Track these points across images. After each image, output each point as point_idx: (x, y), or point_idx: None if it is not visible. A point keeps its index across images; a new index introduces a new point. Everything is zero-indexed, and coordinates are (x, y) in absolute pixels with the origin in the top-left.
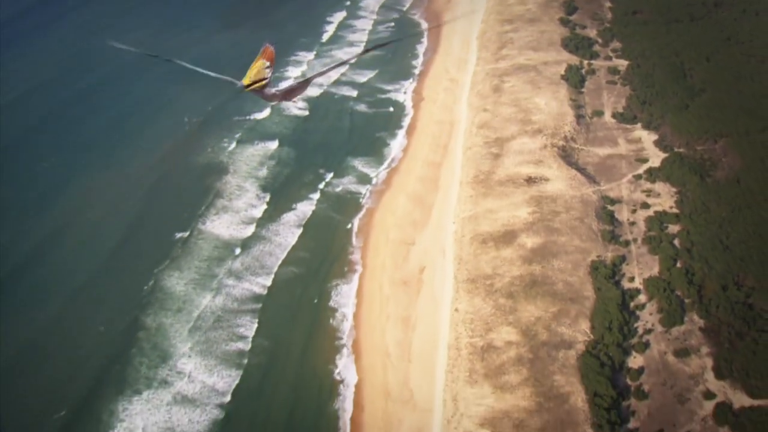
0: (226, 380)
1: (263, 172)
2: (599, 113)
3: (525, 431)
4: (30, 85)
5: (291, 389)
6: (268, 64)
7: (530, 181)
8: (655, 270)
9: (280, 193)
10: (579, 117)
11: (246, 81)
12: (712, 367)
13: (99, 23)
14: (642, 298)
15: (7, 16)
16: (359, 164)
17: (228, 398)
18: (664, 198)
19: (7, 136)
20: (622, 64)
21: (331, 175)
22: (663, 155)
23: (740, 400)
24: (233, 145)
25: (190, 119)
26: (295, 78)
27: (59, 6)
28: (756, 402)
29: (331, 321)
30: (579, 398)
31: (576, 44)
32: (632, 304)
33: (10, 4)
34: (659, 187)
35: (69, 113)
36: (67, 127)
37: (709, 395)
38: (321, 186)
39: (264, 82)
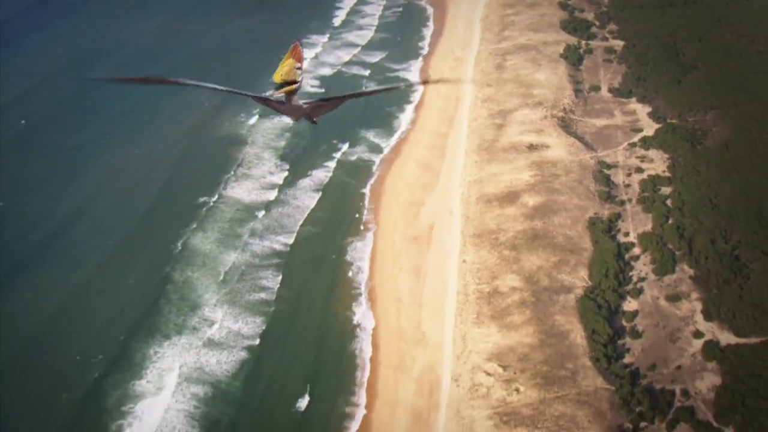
0: (251, 326)
1: (281, 143)
2: (596, 88)
3: (529, 363)
4: (58, 66)
5: (313, 333)
6: (298, 65)
7: (532, 148)
8: (649, 226)
9: (298, 161)
10: (577, 91)
11: (277, 78)
12: (701, 310)
13: (120, 8)
14: (636, 250)
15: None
16: (371, 135)
17: (254, 342)
18: (657, 163)
19: (37, 113)
20: (618, 44)
21: (345, 145)
22: (656, 126)
23: (727, 338)
24: (251, 120)
25: (209, 98)
26: (323, 94)
27: None
28: (741, 340)
29: (348, 274)
30: (578, 335)
31: (574, 26)
32: (627, 256)
33: None
34: (653, 153)
35: (94, 95)
36: (93, 108)
37: (698, 335)
38: (336, 155)
39: (294, 87)
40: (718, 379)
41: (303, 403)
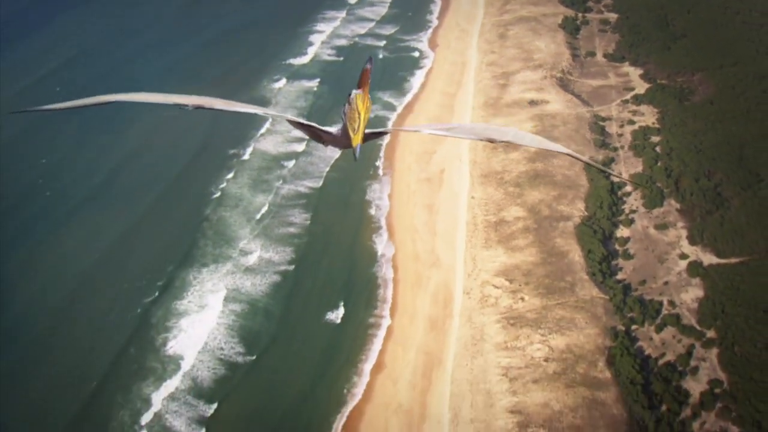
0: (285, 255)
1: (303, 103)
2: (592, 54)
3: (532, 278)
4: (98, 40)
5: (341, 260)
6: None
7: (533, 103)
8: (640, 168)
9: (319, 117)
10: (574, 56)
11: (356, 138)
12: (686, 236)
13: None
14: (628, 188)
15: None
16: (385, 96)
17: (288, 267)
18: (648, 116)
19: (85, 78)
20: (613, 16)
21: None
22: (647, 85)
23: (709, 259)
24: (274, 84)
25: (235, 67)
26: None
27: None
28: (722, 261)
29: (370, 210)
30: (576, 255)
31: (572, 0)
32: (620, 192)
33: None
34: (644, 108)
35: (136, 63)
36: (135, 75)
37: (683, 256)
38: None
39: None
40: (701, 292)
41: (334, 316)
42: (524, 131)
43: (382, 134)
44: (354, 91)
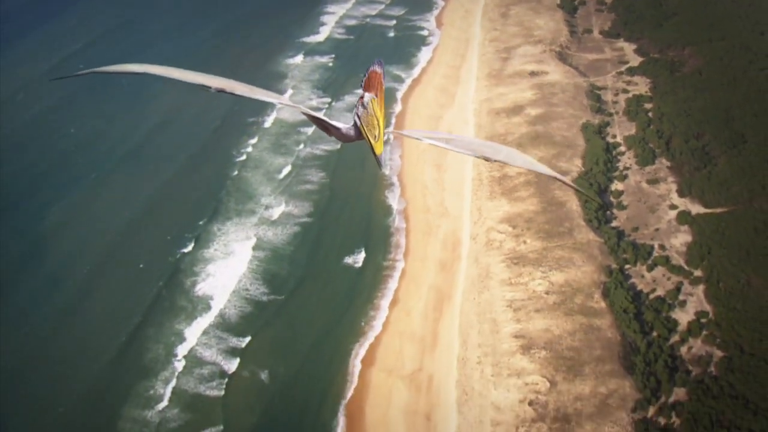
0: (305, 209)
1: (316, 76)
2: (589, 31)
3: (533, 224)
4: (119, 22)
5: (357, 213)
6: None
7: (533, 74)
8: (633, 131)
9: (331, 90)
10: (572, 33)
11: (379, 146)
12: (676, 190)
13: None
14: (622, 148)
15: None
16: (394, 69)
17: (309, 219)
18: (641, 86)
19: (108, 58)
20: None
21: None
22: (641, 59)
23: (697, 209)
24: (291, 60)
25: (252, 48)
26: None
27: None
28: (708, 210)
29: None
30: (574, 204)
31: None
32: (614, 152)
33: None
34: (637, 79)
35: (157, 45)
36: (157, 54)
37: (673, 207)
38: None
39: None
40: (689, 237)
41: (353, 261)
42: (518, 152)
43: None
44: (367, 95)
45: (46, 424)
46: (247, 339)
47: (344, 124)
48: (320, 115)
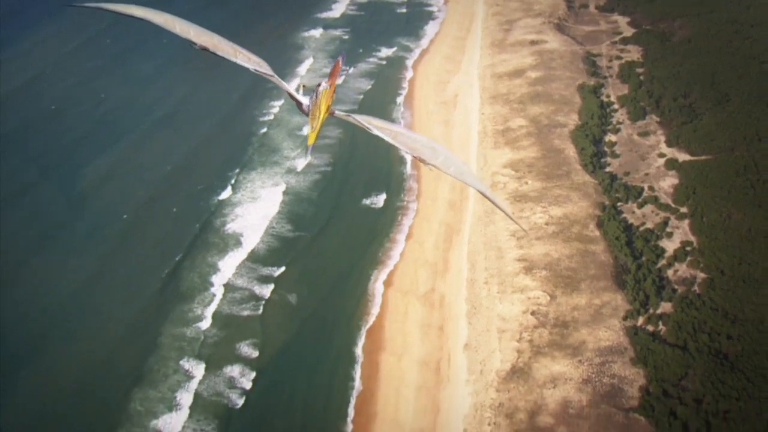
0: (323, 160)
1: (331, 47)
2: (585, 6)
3: (534, 168)
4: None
5: (372, 165)
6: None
7: (533, 43)
8: (625, 91)
9: (346, 58)
10: (569, 7)
11: (311, 137)
12: (664, 141)
13: None
14: (615, 106)
15: None
16: (403, 41)
17: (328, 169)
18: (633, 53)
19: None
20: None
21: (384, 47)
22: (634, 30)
23: (683, 157)
24: (307, 33)
25: (274, 20)
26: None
27: None
28: (694, 158)
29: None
30: (571, 151)
31: None
32: (608, 109)
33: None
34: (630, 47)
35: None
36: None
37: (661, 155)
38: (378, 54)
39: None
40: (676, 180)
41: (370, 202)
42: (458, 160)
43: (351, 118)
44: (324, 84)
45: (101, 343)
46: (280, 269)
47: (306, 102)
48: (290, 88)
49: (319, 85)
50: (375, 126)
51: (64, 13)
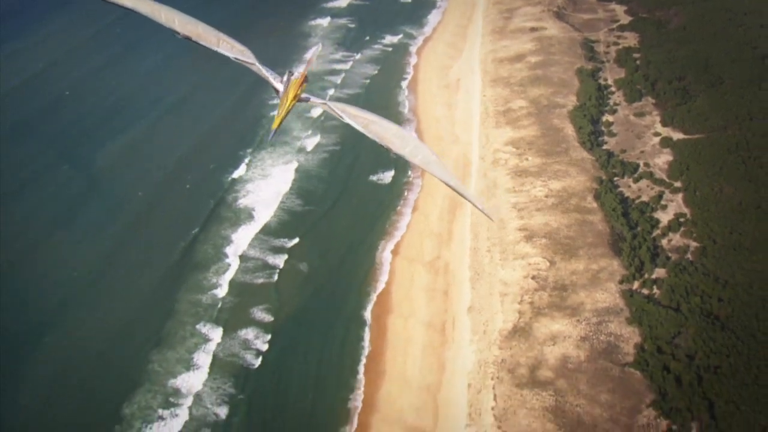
0: (333, 140)
1: (337, 35)
2: None
3: (534, 145)
4: None
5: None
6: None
7: (533, 30)
8: (622, 75)
9: (355, 47)
10: None
11: (275, 122)
12: (659, 121)
13: None
14: (612, 89)
15: None
16: (408, 29)
17: (337, 148)
18: (630, 40)
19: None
20: None
21: (388, 35)
22: (630, 18)
23: (678, 136)
24: (314, 22)
25: (282, 11)
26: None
27: None
28: (687, 136)
29: (400, 108)
30: (569, 130)
31: None
32: (605, 91)
33: None
34: (627, 34)
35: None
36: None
37: (657, 134)
38: (383, 41)
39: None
40: (671, 157)
41: (377, 178)
42: (427, 149)
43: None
44: (296, 73)
45: (121, 312)
46: (293, 241)
47: (281, 89)
48: (269, 77)
49: (292, 73)
50: (348, 114)
51: (74, 6)
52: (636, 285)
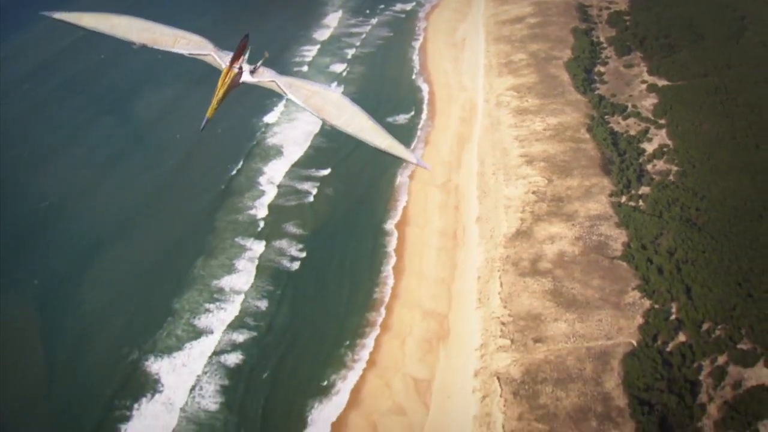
0: (356, 95)
1: (352, 3)
2: None
3: (533, 90)
4: None
5: (394, 93)
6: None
7: None
8: (613, 33)
9: (367, 14)
10: None
11: (209, 110)
12: (646, 71)
13: None
14: (604, 45)
15: None
16: (409, 6)
17: (354, 95)
18: (621, 4)
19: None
20: None
21: (399, 3)
22: None
23: (663, 83)
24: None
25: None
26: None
27: None
28: (671, 83)
29: (410, 64)
30: (565, 77)
31: None
32: (598, 47)
33: None
34: (618, 1)
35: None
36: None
37: (644, 81)
38: (394, 8)
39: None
40: (656, 99)
41: (392, 120)
42: (364, 116)
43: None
44: (228, 65)
45: (175, 229)
46: (324, 172)
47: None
48: (224, 66)
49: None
50: (293, 88)
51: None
52: (624, 198)
